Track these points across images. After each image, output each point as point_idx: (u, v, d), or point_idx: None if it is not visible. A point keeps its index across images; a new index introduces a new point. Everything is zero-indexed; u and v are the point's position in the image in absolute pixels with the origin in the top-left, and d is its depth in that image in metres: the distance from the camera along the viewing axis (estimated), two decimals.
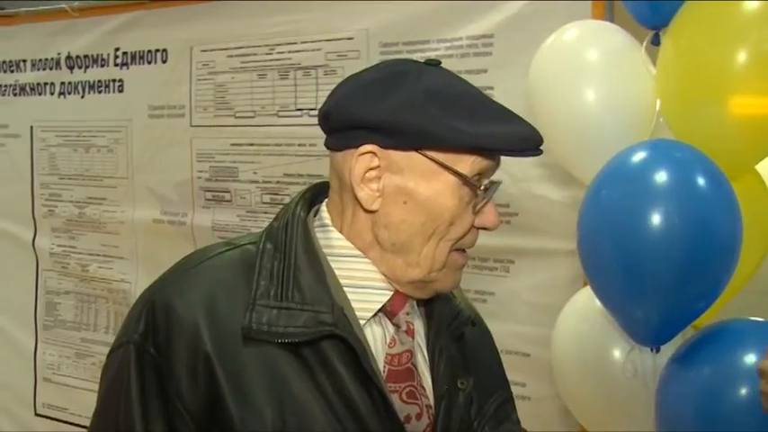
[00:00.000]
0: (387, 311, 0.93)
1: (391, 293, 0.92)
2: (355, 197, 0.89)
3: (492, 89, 1.82)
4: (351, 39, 2.06)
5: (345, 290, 0.90)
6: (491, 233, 0.95)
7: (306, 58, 2.14)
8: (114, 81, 2.52)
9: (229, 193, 2.31)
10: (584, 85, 1.52)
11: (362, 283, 0.91)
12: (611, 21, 1.68)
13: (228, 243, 0.95)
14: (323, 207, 0.96)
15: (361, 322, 0.90)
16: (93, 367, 2.63)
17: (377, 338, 0.92)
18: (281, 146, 2.20)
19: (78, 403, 2.66)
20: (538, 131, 0.89)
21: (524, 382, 1.85)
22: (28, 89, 2.72)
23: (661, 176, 1.32)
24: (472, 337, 1.01)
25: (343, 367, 0.86)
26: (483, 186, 0.90)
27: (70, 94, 2.63)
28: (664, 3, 1.46)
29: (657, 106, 1.51)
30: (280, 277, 0.89)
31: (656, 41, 1.51)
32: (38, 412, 2.80)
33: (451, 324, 0.97)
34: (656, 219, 1.29)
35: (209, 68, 2.31)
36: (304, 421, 0.85)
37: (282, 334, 0.86)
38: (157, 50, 2.41)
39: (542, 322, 1.77)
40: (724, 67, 1.37)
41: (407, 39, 1.97)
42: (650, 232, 1.29)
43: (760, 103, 1.36)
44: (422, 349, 0.96)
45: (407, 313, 0.94)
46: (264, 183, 2.25)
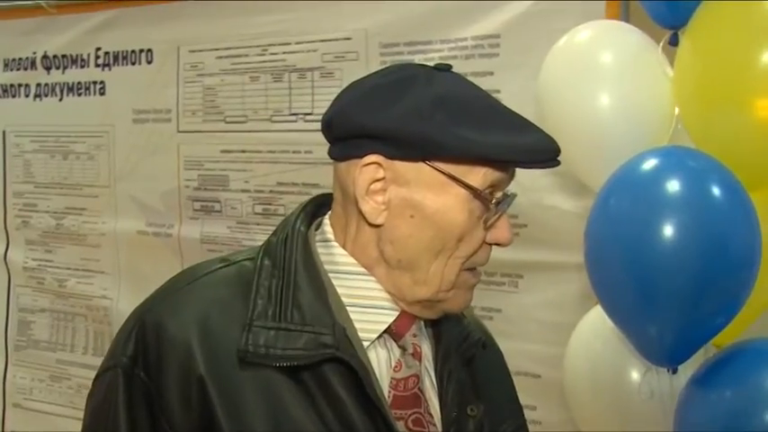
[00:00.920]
0: (392, 333, 0.92)
1: (397, 314, 0.92)
2: (359, 210, 0.89)
3: (498, 92, 1.82)
4: (349, 39, 2.07)
5: (348, 309, 0.90)
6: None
7: (301, 59, 2.14)
8: (95, 83, 2.52)
9: (219, 203, 2.31)
10: (598, 89, 1.52)
11: (367, 303, 0.91)
12: (626, 21, 1.70)
13: (223, 259, 0.95)
14: (325, 220, 0.95)
15: (365, 344, 0.90)
16: (70, 391, 2.62)
17: (381, 362, 0.91)
18: (274, 153, 2.21)
19: (52, 431, 2.64)
20: (554, 141, 0.89)
21: (534, 404, 1.84)
22: (0, 91, 2.71)
23: (674, 185, 1.32)
24: (483, 360, 1.01)
25: (345, 392, 0.86)
26: (495, 200, 0.89)
27: (47, 96, 2.63)
28: (682, 2, 1.47)
29: (676, 112, 1.52)
30: (278, 296, 0.88)
31: (674, 42, 1.52)
32: None
33: (461, 346, 0.97)
34: (669, 230, 1.28)
35: (197, 70, 2.31)
36: None
37: (281, 357, 0.85)
38: (142, 50, 2.42)
39: (553, 341, 1.77)
40: (746, 68, 1.37)
41: (409, 39, 1.97)
42: (662, 244, 1.28)
43: None
44: (429, 373, 0.95)
45: (414, 335, 0.94)
46: (257, 192, 2.25)
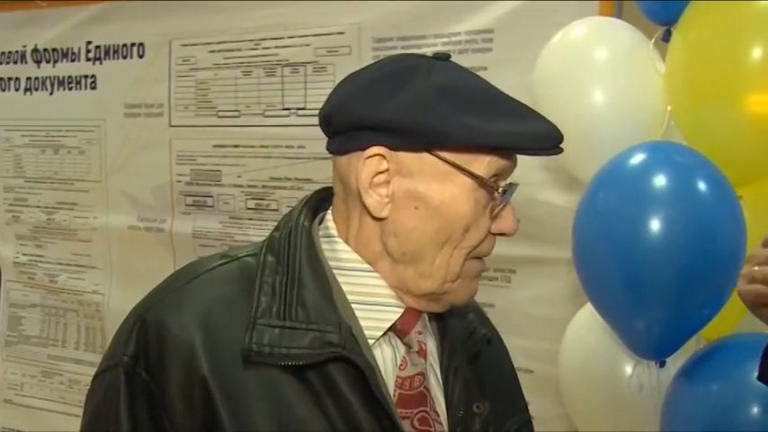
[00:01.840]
0: (397, 330, 0.91)
1: (402, 311, 0.91)
2: (362, 204, 0.88)
3: None
4: (342, 33, 2.06)
5: (353, 307, 0.89)
6: None
7: (294, 53, 2.14)
8: (86, 77, 2.51)
9: (211, 197, 2.30)
10: (591, 85, 1.53)
11: (371, 300, 0.90)
12: (619, 17, 1.70)
13: (224, 255, 0.94)
14: (328, 215, 0.94)
15: (370, 342, 0.89)
16: (62, 387, 2.61)
17: (387, 360, 0.90)
18: (267, 147, 2.20)
19: (44, 427, 2.63)
20: (558, 128, 0.88)
21: (528, 400, 1.84)
22: None
23: (660, 180, 1.34)
24: (488, 357, 1.00)
25: (351, 392, 0.85)
26: (501, 188, 0.88)
27: (37, 90, 2.61)
28: None
29: (669, 107, 1.53)
30: (282, 293, 0.87)
31: (666, 38, 1.53)
32: None
33: (466, 343, 0.96)
34: (656, 224, 1.30)
35: (189, 64, 2.31)
36: None
37: (285, 356, 0.84)
38: (133, 44, 2.41)
39: (546, 336, 1.78)
40: (735, 64, 1.38)
41: (402, 33, 1.98)
42: (649, 238, 1.30)
43: None
44: (435, 370, 0.94)
45: (419, 332, 0.93)
46: (249, 187, 2.24)
